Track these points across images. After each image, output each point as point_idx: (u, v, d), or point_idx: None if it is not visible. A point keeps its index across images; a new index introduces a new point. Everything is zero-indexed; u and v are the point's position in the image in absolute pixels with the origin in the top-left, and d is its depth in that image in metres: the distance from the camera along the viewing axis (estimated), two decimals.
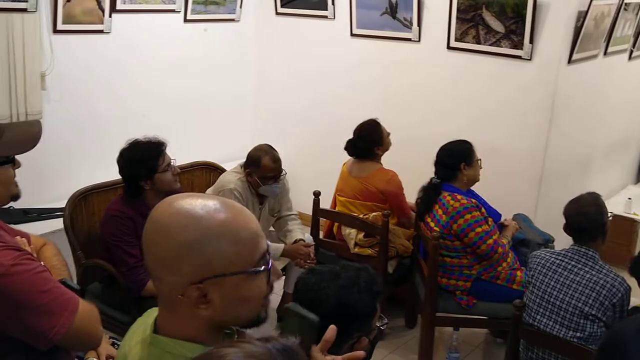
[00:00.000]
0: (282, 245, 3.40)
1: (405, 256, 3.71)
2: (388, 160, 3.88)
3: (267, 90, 5.26)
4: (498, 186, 4.07)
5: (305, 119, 5.07)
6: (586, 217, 2.59)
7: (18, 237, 1.65)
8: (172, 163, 2.99)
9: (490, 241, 3.20)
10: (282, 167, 3.45)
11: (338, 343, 1.59)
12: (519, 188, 4.09)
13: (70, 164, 4.04)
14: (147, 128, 4.06)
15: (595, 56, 4.29)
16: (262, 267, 1.13)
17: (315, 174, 4.73)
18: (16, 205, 3.44)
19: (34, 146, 1.60)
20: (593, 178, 4.64)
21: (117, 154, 2.94)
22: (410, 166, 3.88)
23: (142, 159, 2.90)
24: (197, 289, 1.07)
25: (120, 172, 2.94)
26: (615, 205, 4.66)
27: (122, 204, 2.94)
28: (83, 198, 3.28)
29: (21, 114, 3.72)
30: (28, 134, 1.61)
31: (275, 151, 3.41)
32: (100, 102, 4.20)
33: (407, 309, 3.83)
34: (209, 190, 3.48)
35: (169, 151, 3.37)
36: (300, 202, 4.06)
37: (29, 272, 1.46)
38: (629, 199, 4.73)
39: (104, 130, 4.17)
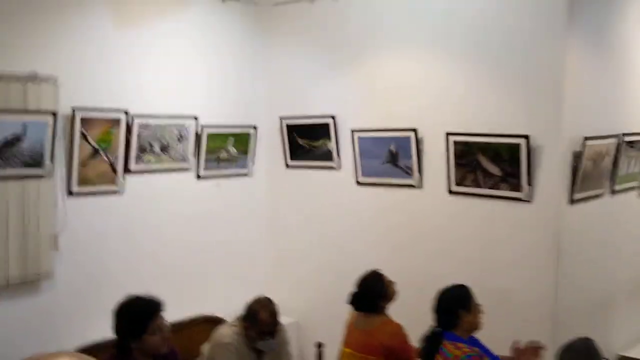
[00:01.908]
0: None
1: None
2: (396, 307, 3.82)
3: (279, 240, 5.35)
4: (507, 332, 3.92)
5: (317, 267, 5.10)
6: None
7: None
8: (164, 326, 2.99)
9: None
10: (282, 320, 3.44)
11: None
12: (530, 334, 3.90)
13: (82, 324, 4.06)
14: (161, 283, 4.18)
15: (600, 195, 4.29)
16: None
17: (327, 323, 4.66)
18: None
19: None
20: (615, 322, 4.45)
21: None
22: (416, 312, 3.77)
23: (134, 318, 2.92)
24: None
25: (113, 325, 2.96)
26: None
27: None
28: None
29: (31, 274, 3.85)
30: None
31: (274, 305, 3.41)
32: (113, 261, 4.32)
33: None
34: (204, 345, 3.46)
35: (179, 305, 3.40)
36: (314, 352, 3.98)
37: None
38: None
39: (117, 289, 4.17)
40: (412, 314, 3.75)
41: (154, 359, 3.02)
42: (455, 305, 3.27)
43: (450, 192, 4.31)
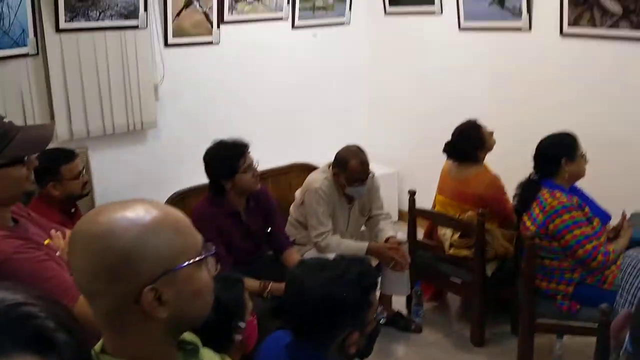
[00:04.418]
0: (365, 244, 3.35)
1: (508, 259, 3.50)
2: (498, 161, 3.68)
3: (378, 90, 5.23)
4: (619, 183, 3.72)
5: (417, 116, 4.98)
6: None
7: (53, 231, 1.79)
8: (253, 165, 3.08)
9: (589, 246, 2.90)
10: (373, 168, 3.42)
11: (327, 336, 1.55)
12: None
13: (185, 169, 4.24)
14: (260, 132, 4.26)
15: None
16: (208, 253, 1.10)
17: (427, 172, 4.59)
18: None
19: (44, 148, 1.72)
20: None
21: None
22: (523, 165, 3.60)
23: (224, 159, 3.02)
24: (151, 291, 1.02)
25: (205, 170, 3.09)
26: None
27: (206, 203, 3.08)
28: (181, 200, 3.49)
29: (137, 123, 4.03)
30: (39, 136, 1.73)
31: (364, 153, 3.37)
32: (212, 110, 4.41)
33: (512, 314, 3.59)
34: (298, 191, 3.54)
35: (276, 154, 3.34)
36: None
37: (30, 260, 1.60)
38: None
39: (216, 135, 4.37)
40: (521, 168, 3.58)
41: (247, 198, 3.14)
42: (558, 153, 3.08)
43: (563, 34, 3.94)
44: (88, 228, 1.04)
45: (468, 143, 3.60)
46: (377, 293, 3.47)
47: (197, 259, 1.07)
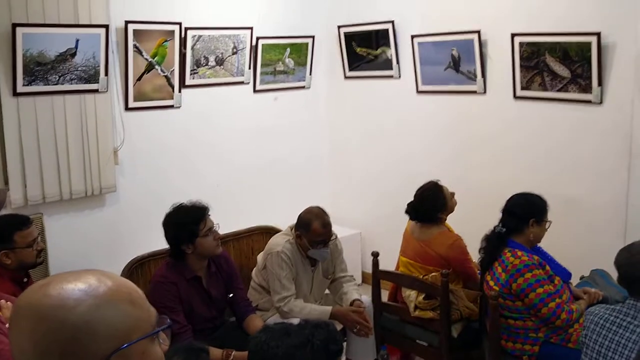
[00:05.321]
0: (329, 308, 3.30)
1: (473, 319, 3.48)
2: (456, 216, 3.72)
3: (339, 153, 5.29)
4: (577, 242, 3.80)
5: (378, 178, 5.04)
6: (638, 266, 2.31)
7: (2, 301, 1.72)
8: (214, 228, 3.03)
9: (553, 304, 2.92)
10: (339, 231, 3.40)
11: None
12: (601, 243, 3.73)
13: (145, 235, 4.17)
14: (221, 196, 4.23)
15: None
16: (162, 326, 1.06)
17: (390, 233, 4.61)
18: None
19: None
20: None
21: None
22: (478, 222, 3.64)
23: (184, 223, 2.97)
24: None
25: (165, 236, 3.02)
26: None
27: (166, 269, 3.01)
28: (140, 265, 3.40)
29: (95, 188, 3.96)
30: None
31: (327, 215, 3.36)
32: (173, 174, 4.38)
33: None
34: (260, 255, 3.49)
35: (239, 218, 3.28)
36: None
37: None
38: None
39: (177, 199, 4.31)
40: (476, 225, 3.61)
41: (208, 263, 3.08)
42: (529, 213, 3.12)
43: (516, 97, 4.07)
44: (36, 300, 0.97)
45: (430, 204, 3.61)
46: (343, 358, 3.45)
47: (152, 332, 1.03)
